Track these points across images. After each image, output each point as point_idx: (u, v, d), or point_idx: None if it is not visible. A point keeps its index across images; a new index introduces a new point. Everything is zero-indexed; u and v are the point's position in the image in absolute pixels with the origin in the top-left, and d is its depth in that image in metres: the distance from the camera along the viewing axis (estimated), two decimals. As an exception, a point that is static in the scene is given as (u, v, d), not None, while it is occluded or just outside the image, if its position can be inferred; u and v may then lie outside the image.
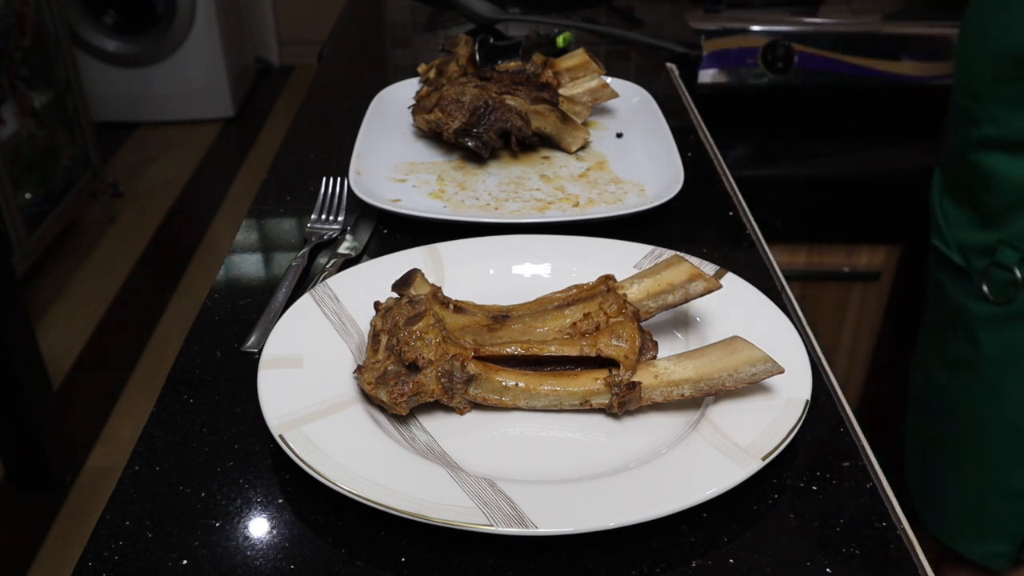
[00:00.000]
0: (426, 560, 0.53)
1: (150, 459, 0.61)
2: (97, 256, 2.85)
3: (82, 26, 3.46)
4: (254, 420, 0.63)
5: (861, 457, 0.61)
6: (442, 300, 0.67)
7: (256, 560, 0.53)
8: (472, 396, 0.63)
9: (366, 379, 0.62)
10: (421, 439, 0.62)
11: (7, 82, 2.48)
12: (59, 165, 2.70)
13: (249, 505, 0.57)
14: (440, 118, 0.98)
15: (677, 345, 0.70)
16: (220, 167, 3.44)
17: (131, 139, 3.64)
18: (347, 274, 0.75)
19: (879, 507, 0.57)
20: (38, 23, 2.62)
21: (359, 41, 1.52)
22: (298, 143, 1.08)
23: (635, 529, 0.54)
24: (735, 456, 0.57)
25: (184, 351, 0.71)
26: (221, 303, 0.77)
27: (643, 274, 0.69)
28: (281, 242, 0.89)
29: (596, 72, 1.09)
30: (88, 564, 0.53)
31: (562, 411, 0.63)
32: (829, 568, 0.53)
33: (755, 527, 0.55)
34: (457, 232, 0.82)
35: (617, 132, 1.05)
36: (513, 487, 0.55)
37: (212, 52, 3.60)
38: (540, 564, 0.53)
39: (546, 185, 0.94)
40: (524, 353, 0.64)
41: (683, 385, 0.62)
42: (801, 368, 0.64)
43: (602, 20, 1.56)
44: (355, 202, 0.90)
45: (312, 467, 0.56)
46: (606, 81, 1.09)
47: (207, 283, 2.36)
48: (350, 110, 1.11)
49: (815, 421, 0.62)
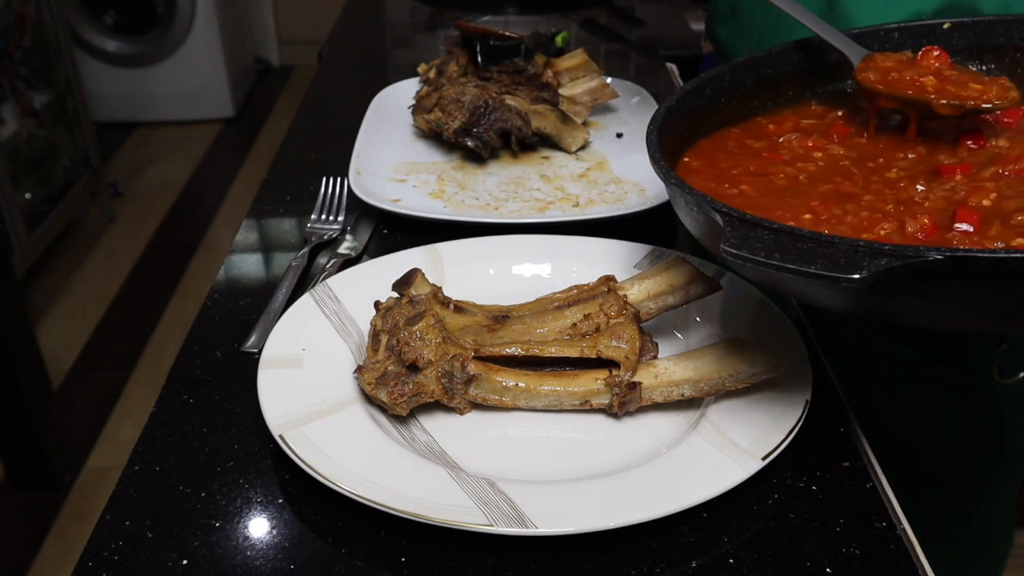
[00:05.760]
0: (426, 560, 0.53)
1: (150, 459, 0.61)
2: (97, 256, 2.85)
3: (82, 26, 3.45)
4: (254, 420, 0.63)
5: (861, 457, 0.61)
6: (442, 300, 0.67)
7: (256, 560, 0.53)
8: (472, 396, 0.63)
9: (366, 379, 0.62)
10: (421, 439, 0.62)
11: (7, 82, 2.48)
12: (59, 165, 2.70)
13: (249, 505, 0.57)
14: (440, 118, 0.98)
15: (677, 345, 0.70)
16: (220, 167, 3.44)
17: (131, 139, 3.63)
18: (347, 274, 0.75)
19: (879, 507, 0.57)
20: (38, 23, 2.62)
21: (359, 41, 1.52)
22: (298, 143, 1.08)
23: (635, 529, 0.54)
24: (735, 456, 0.57)
25: (184, 351, 0.71)
26: (221, 303, 0.77)
27: (644, 275, 0.69)
28: (281, 242, 0.89)
29: (596, 72, 1.09)
30: (88, 564, 0.53)
31: (562, 411, 0.63)
32: (829, 568, 0.53)
33: (755, 527, 0.55)
34: (457, 232, 0.82)
35: (617, 132, 1.05)
36: (513, 487, 0.55)
37: (212, 52, 3.60)
38: (540, 564, 0.53)
39: (546, 185, 0.94)
40: (524, 354, 0.64)
41: (683, 385, 0.62)
42: (801, 368, 0.64)
43: (602, 20, 1.56)
44: (355, 202, 0.90)
45: (312, 467, 0.56)
46: (606, 81, 1.09)
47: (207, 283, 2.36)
48: (350, 110, 1.11)
49: (815, 421, 0.62)
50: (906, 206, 0.59)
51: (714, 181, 0.65)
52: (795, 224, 0.57)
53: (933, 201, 0.59)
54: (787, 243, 0.48)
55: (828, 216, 0.58)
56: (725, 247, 0.49)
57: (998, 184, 0.59)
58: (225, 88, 3.71)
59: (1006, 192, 0.58)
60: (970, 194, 0.58)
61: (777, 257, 0.48)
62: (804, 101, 0.75)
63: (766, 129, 0.72)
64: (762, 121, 0.73)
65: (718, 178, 0.65)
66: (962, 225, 0.54)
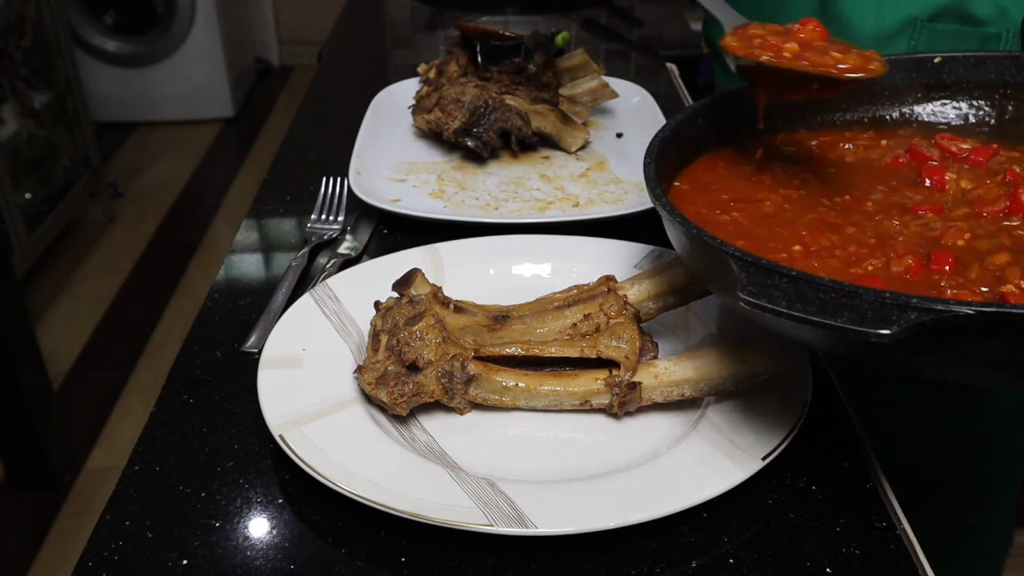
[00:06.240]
0: (426, 560, 0.53)
1: (150, 459, 0.61)
2: (97, 256, 2.85)
3: (82, 26, 3.45)
4: (254, 420, 0.63)
5: (861, 457, 0.61)
6: (442, 300, 0.67)
7: (256, 560, 0.53)
8: (472, 396, 0.63)
9: (366, 379, 0.62)
10: (421, 439, 0.62)
11: (7, 82, 2.48)
12: (59, 165, 2.70)
13: (249, 505, 0.57)
14: (440, 118, 0.98)
15: (677, 345, 0.70)
16: (220, 167, 3.44)
17: (131, 139, 3.63)
18: (347, 274, 0.75)
19: (879, 507, 0.57)
20: (38, 23, 2.62)
21: (359, 41, 1.52)
22: (298, 143, 1.08)
23: (635, 529, 0.54)
24: (735, 456, 0.57)
25: (184, 351, 0.71)
26: (221, 303, 0.77)
27: (644, 275, 0.69)
28: (281, 242, 0.89)
29: (596, 72, 1.09)
30: (88, 564, 0.53)
31: (562, 411, 0.63)
32: (829, 568, 0.53)
33: (755, 527, 0.55)
34: (457, 232, 0.82)
35: (617, 132, 1.05)
36: (513, 487, 0.55)
37: (212, 52, 3.60)
38: (540, 564, 0.53)
39: (546, 185, 0.94)
40: (524, 354, 0.64)
41: (683, 385, 0.62)
42: (801, 368, 0.64)
43: (602, 20, 1.56)
44: (355, 202, 0.90)
45: (312, 467, 0.56)
46: (606, 81, 1.09)
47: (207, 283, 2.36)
48: (350, 110, 1.11)
49: (815, 421, 0.62)
50: (886, 241, 0.59)
51: (705, 207, 0.64)
52: (787, 256, 0.57)
53: (907, 236, 0.59)
54: (808, 292, 0.46)
55: (817, 248, 0.58)
56: (743, 295, 0.47)
57: (970, 223, 0.59)
58: (225, 88, 3.70)
59: (979, 232, 0.58)
60: (943, 233, 0.58)
61: (800, 308, 0.46)
62: (794, 130, 0.75)
63: (753, 153, 0.72)
64: (749, 145, 0.72)
65: (709, 203, 0.65)
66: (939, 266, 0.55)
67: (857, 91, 0.73)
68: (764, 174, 0.69)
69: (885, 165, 0.69)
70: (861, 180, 0.68)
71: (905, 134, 0.73)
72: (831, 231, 0.61)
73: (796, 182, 0.68)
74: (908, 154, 0.69)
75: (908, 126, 0.74)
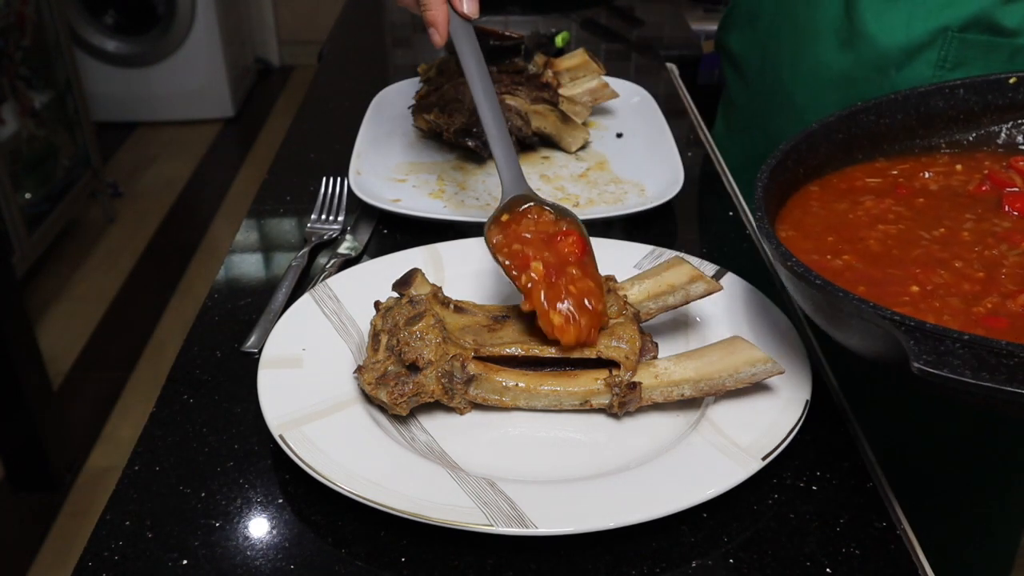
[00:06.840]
0: (426, 560, 0.53)
1: (150, 459, 0.61)
2: (97, 256, 2.84)
3: (82, 26, 3.45)
4: (254, 420, 0.63)
5: (861, 457, 0.61)
6: (442, 300, 0.67)
7: (256, 560, 0.53)
8: (472, 396, 0.63)
9: (366, 379, 0.62)
10: (421, 439, 0.62)
11: (7, 82, 2.48)
12: (59, 165, 2.70)
13: (249, 505, 0.57)
14: (440, 118, 0.98)
15: (677, 345, 0.70)
16: (220, 167, 3.44)
17: (131, 139, 3.63)
18: (347, 274, 0.75)
19: (879, 507, 0.57)
20: (38, 23, 2.62)
21: (359, 41, 1.52)
22: (298, 143, 1.08)
23: (635, 529, 0.54)
24: (735, 456, 0.57)
25: (184, 351, 0.71)
26: (221, 303, 0.77)
27: (644, 275, 0.69)
28: (281, 242, 0.89)
29: (596, 72, 1.09)
30: (88, 564, 0.53)
31: (562, 411, 0.63)
32: (829, 568, 0.53)
33: (755, 527, 0.55)
34: (457, 232, 0.82)
35: (617, 132, 1.05)
36: (513, 487, 0.55)
37: (212, 52, 3.60)
38: (540, 564, 0.53)
39: (546, 185, 0.94)
40: (524, 354, 0.64)
41: (683, 385, 0.62)
42: (801, 368, 0.64)
43: (602, 20, 1.56)
44: (355, 202, 0.90)
45: (312, 467, 0.56)
46: (606, 81, 1.09)
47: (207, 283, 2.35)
48: (350, 110, 1.11)
49: (815, 421, 0.62)
50: (992, 273, 0.57)
51: (816, 253, 0.62)
52: (909, 299, 0.55)
53: (1010, 268, 0.58)
54: (987, 357, 0.43)
55: (932, 287, 0.57)
56: (920, 366, 0.44)
57: None
58: (225, 88, 3.70)
59: None
60: None
61: (987, 377, 0.43)
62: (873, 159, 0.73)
63: (840, 187, 0.70)
64: (833, 179, 0.70)
65: (818, 249, 0.62)
66: None
67: (933, 118, 0.72)
68: (857, 210, 0.67)
69: (968, 192, 0.67)
70: (949, 209, 0.66)
71: (981, 156, 0.71)
72: (940, 266, 0.59)
73: (890, 216, 0.66)
74: (988, 180, 0.68)
75: (983, 148, 0.72)
